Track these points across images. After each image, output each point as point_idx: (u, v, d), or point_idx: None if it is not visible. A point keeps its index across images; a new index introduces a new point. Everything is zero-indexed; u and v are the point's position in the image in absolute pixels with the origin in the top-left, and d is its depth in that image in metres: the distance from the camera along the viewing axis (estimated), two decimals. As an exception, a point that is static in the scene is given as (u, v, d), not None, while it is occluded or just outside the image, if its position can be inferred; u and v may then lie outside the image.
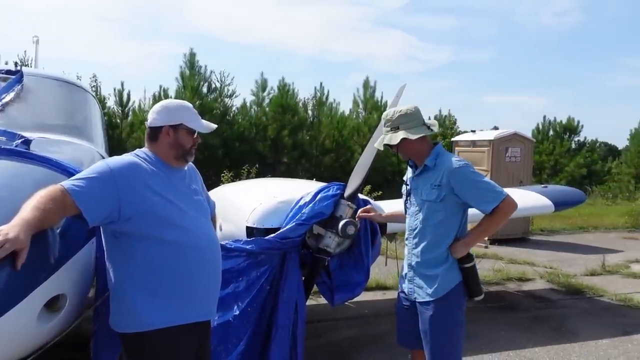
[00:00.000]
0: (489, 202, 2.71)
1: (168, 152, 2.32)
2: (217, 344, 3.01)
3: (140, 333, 2.16)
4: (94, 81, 16.36)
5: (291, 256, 3.20)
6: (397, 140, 2.76)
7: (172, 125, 2.31)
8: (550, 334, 5.09)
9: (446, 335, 2.78)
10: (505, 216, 2.75)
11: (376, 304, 5.99)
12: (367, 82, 18.49)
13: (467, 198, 2.75)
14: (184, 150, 2.34)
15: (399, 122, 2.79)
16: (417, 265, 2.85)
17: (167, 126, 2.30)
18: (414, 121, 2.79)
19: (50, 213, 1.95)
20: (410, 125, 2.78)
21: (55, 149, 2.87)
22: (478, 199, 2.73)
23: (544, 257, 8.80)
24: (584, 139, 23.96)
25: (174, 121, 2.31)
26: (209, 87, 16.57)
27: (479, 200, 2.73)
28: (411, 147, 2.82)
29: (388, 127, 2.83)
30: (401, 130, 2.77)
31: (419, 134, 2.76)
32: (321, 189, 3.34)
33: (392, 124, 2.81)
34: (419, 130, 2.78)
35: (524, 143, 10.74)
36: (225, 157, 15.41)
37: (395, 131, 2.79)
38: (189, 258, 2.22)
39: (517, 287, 6.96)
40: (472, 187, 2.73)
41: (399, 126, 2.78)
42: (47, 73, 4.03)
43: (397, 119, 2.80)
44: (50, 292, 2.05)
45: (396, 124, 2.79)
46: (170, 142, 2.31)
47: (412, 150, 2.84)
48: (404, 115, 2.80)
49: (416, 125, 2.79)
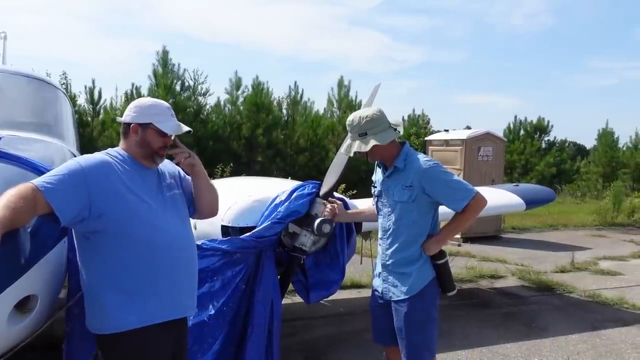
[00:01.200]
0: (460, 200, 2.76)
1: (135, 150, 2.29)
2: (193, 344, 2.98)
3: (115, 334, 2.13)
4: (64, 78, 16.10)
5: (267, 255, 3.19)
6: (369, 147, 2.75)
7: (141, 124, 2.27)
8: (521, 329, 5.18)
9: (421, 331, 2.81)
10: (476, 213, 2.82)
11: (351, 302, 6.02)
12: (342, 82, 18.53)
13: (439, 197, 2.80)
14: (151, 150, 2.29)
15: (366, 127, 2.77)
16: (392, 264, 2.88)
17: (136, 124, 2.27)
18: (380, 125, 2.78)
19: (21, 212, 1.91)
20: (377, 130, 2.76)
21: (26, 147, 2.80)
22: (449, 198, 2.78)
23: (515, 254, 8.96)
24: (554, 138, 24.47)
25: (143, 119, 2.27)
26: (182, 85, 16.40)
27: (450, 199, 2.78)
28: (381, 151, 2.83)
29: (355, 133, 2.80)
30: (370, 136, 2.75)
31: (388, 138, 2.78)
32: (297, 187, 3.34)
33: (360, 130, 2.78)
34: (388, 134, 2.78)
35: (496, 142, 10.91)
36: (199, 156, 15.19)
37: (363, 137, 2.77)
38: (162, 256, 2.19)
39: (490, 284, 7.07)
40: (443, 187, 2.77)
41: (367, 132, 2.76)
42: (15, 69, 3.94)
43: (364, 124, 2.77)
44: (20, 292, 2.01)
45: (364, 129, 2.77)
46: (138, 140, 2.28)
47: (382, 153, 2.85)
48: (370, 120, 2.77)
49: (383, 129, 2.78)
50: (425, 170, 2.76)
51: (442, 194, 2.78)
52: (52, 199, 1.96)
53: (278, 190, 3.38)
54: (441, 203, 2.83)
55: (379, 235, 2.99)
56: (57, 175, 2.04)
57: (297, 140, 17.40)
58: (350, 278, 6.54)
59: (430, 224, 2.86)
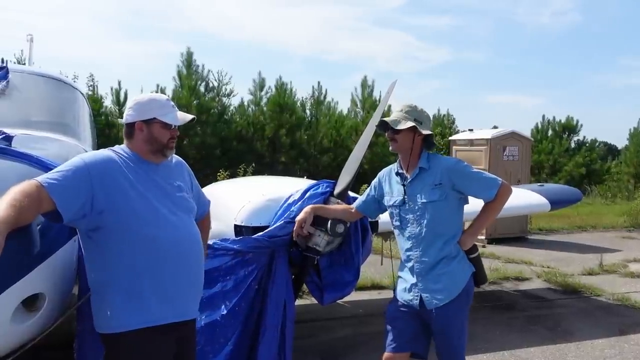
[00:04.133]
0: (490, 189, 2.80)
1: (144, 148, 2.27)
2: (205, 344, 2.96)
3: (115, 334, 2.11)
4: (91, 80, 16.35)
5: (280, 255, 3.15)
6: (426, 132, 2.80)
7: (145, 120, 2.25)
8: (546, 333, 5.04)
9: (463, 333, 2.84)
10: (504, 200, 2.85)
11: (371, 304, 5.94)
12: (365, 82, 18.46)
13: (470, 190, 2.83)
14: (160, 145, 2.28)
15: (423, 119, 2.84)
16: (430, 269, 2.77)
17: (140, 121, 2.25)
18: (427, 122, 2.87)
19: (25, 209, 1.90)
20: (427, 127, 2.85)
21: (39, 146, 2.82)
22: (480, 188, 2.82)
23: (541, 256, 8.76)
24: (583, 138, 23.91)
25: (146, 116, 2.25)
26: (207, 87, 16.53)
27: (481, 189, 2.82)
28: (416, 145, 2.81)
29: (411, 116, 2.81)
30: (423, 126, 2.81)
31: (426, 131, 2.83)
32: (310, 186, 3.30)
33: (417, 116, 2.82)
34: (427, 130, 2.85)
35: (521, 142, 10.70)
36: (223, 157, 15.38)
37: (418, 123, 2.80)
38: (167, 256, 2.16)
39: (514, 286, 6.92)
40: (472, 179, 2.82)
41: (422, 122, 2.82)
42: (33, 70, 3.99)
43: (424, 116, 2.86)
44: (26, 291, 1.99)
45: (421, 119, 2.82)
46: (145, 138, 2.26)
47: (417, 149, 2.83)
48: (428, 117, 2.88)
49: (425, 127, 2.85)
50: (453, 166, 2.82)
51: (472, 186, 2.82)
52: (55, 195, 1.96)
53: (291, 190, 3.34)
54: (472, 195, 2.86)
55: (404, 247, 2.87)
56: (60, 172, 2.04)
57: (320, 140, 17.38)
58: (370, 279, 6.48)
59: (462, 220, 2.89)
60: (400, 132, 2.79)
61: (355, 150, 3.42)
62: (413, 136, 2.79)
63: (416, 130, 2.78)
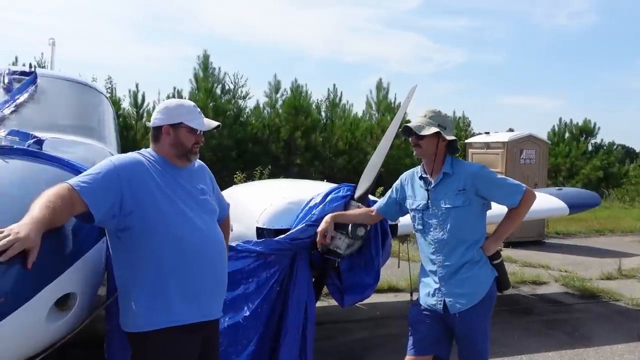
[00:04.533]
0: (514, 195, 2.81)
1: (170, 152, 2.34)
2: (228, 345, 3.01)
3: (142, 333, 2.17)
4: (109, 83, 16.48)
5: (301, 257, 3.19)
6: (450, 138, 2.82)
7: (172, 125, 2.32)
8: (564, 338, 5.02)
9: (486, 337, 2.86)
10: (529, 206, 2.85)
11: (388, 306, 5.96)
12: (380, 84, 18.39)
13: (494, 196, 2.84)
14: (185, 149, 2.35)
15: (447, 124, 2.86)
16: (453, 274, 2.79)
17: (167, 125, 2.32)
18: (450, 127, 2.88)
19: (59, 211, 1.97)
20: (451, 133, 2.86)
21: (68, 149, 2.90)
22: (504, 194, 2.83)
23: (558, 260, 8.70)
24: (601, 141, 23.60)
25: (173, 120, 2.33)
26: (223, 89, 16.59)
27: (505, 195, 2.83)
28: (440, 150, 2.83)
29: (435, 121, 2.83)
30: (447, 132, 2.83)
31: (450, 136, 2.85)
32: (331, 190, 3.33)
33: (441, 122, 2.84)
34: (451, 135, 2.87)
35: (538, 145, 10.63)
36: (239, 159, 15.44)
37: (442, 129, 2.82)
38: (193, 257, 2.22)
39: (531, 290, 6.89)
40: (496, 185, 2.83)
41: (446, 128, 2.84)
42: (60, 74, 4.07)
43: (447, 121, 2.87)
44: (60, 290, 2.05)
45: (445, 124, 2.84)
46: (171, 142, 2.33)
47: (441, 154, 2.84)
48: (451, 122, 2.91)
49: (449, 133, 2.86)
50: (477, 172, 2.82)
51: (496, 192, 2.83)
52: (86, 197, 2.03)
53: (313, 193, 3.38)
54: (496, 201, 2.87)
55: (427, 251, 2.88)
56: (91, 174, 2.12)
57: (335, 142, 17.36)
58: (387, 282, 6.50)
59: (485, 225, 2.90)
60: (424, 138, 2.81)
61: (375, 155, 3.45)
62: (437, 141, 2.81)
63: (440, 135, 2.80)
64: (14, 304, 1.79)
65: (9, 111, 3.22)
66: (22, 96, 3.39)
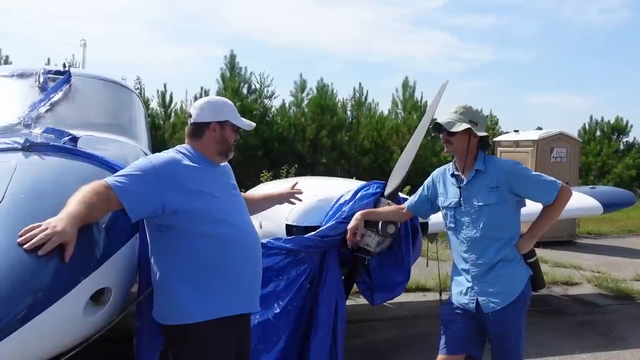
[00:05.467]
0: (550, 192, 2.73)
1: (212, 148, 2.36)
2: (258, 342, 3.01)
3: (184, 325, 2.19)
4: (138, 83, 16.71)
5: (331, 255, 3.18)
6: (481, 134, 2.76)
7: (219, 122, 2.35)
8: (598, 340, 4.91)
9: (521, 336, 2.80)
10: (564, 203, 2.78)
11: (416, 306, 5.92)
12: (407, 82, 18.31)
13: (528, 193, 2.77)
14: (227, 147, 2.38)
15: (478, 119, 2.80)
16: (486, 272, 2.74)
17: (215, 122, 2.34)
18: (485, 126, 2.84)
19: (95, 207, 2.00)
20: (482, 129, 2.81)
21: (101, 147, 2.93)
22: (539, 191, 2.75)
23: (591, 260, 8.53)
24: (633, 139, 23.06)
25: (221, 117, 2.35)
26: (249, 89, 16.71)
27: (540, 193, 2.75)
28: (471, 147, 2.78)
29: (466, 117, 2.78)
30: (478, 127, 2.77)
31: (482, 133, 2.79)
32: (361, 187, 3.32)
33: (471, 117, 2.79)
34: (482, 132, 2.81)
35: (570, 143, 10.43)
36: (265, 158, 15.51)
37: (473, 124, 2.77)
38: (233, 251, 2.24)
39: (564, 291, 6.76)
40: (531, 182, 2.76)
41: (477, 123, 2.79)
42: (93, 73, 4.13)
43: (477, 116, 2.82)
44: (95, 284, 2.07)
45: (476, 120, 2.79)
46: (216, 138, 2.35)
47: (472, 151, 2.80)
48: (483, 117, 2.88)
49: (485, 130, 2.83)
50: (511, 168, 2.77)
51: (531, 190, 2.76)
52: (123, 198, 2.05)
53: (342, 190, 3.37)
54: (530, 198, 2.80)
55: (459, 249, 2.84)
56: (129, 174, 2.13)
57: (361, 141, 17.33)
58: (415, 281, 6.43)
59: (519, 223, 2.83)
60: (455, 135, 2.77)
61: (405, 152, 3.42)
62: (468, 138, 2.77)
63: (471, 131, 2.75)
64: (53, 296, 1.82)
65: (45, 109, 3.27)
66: (56, 95, 3.45)
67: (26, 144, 2.51)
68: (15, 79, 3.63)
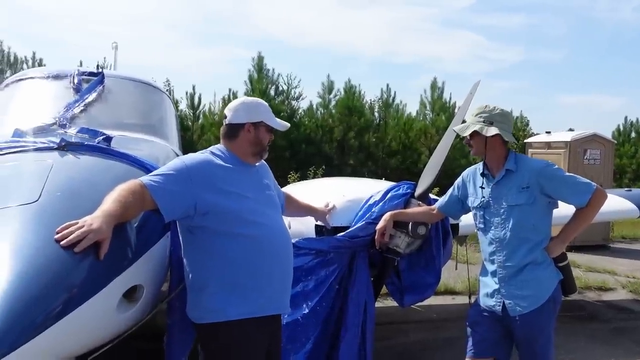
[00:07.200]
0: (583, 194, 2.65)
1: (246, 149, 2.37)
2: (286, 342, 3.00)
3: (216, 324, 2.20)
4: (167, 85, 16.92)
5: (360, 256, 3.16)
6: (492, 133, 2.68)
7: (254, 123, 2.36)
8: (634, 347, 4.77)
9: (550, 340, 2.72)
10: (599, 206, 2.69)
11: (445, 309, 5.86)
12: (435, 83, 18.13)
13: (560, 194, 2.69)
14: (261, 147, 2.40)
15: (495, 118, 2.73)
16: (514, 275, 2.68)
17: (249, 123, 2.36)
18: (507, 123, 2.76)
19: (130, 206, 2.03)
20: (504, 126, 2.72)
21: (134, 146, 2.98)
22: (572, 193, 2.67)
23: (625, 265, 8.29)
24: (670, 141, 22.43)
25: (255, 118, 2.37)
26: (277, 90, 16.78)
27: (572, 194, 2.67)
28: (495, 147, 2.73)
29: (481, 118, 2.73)
30: (495, 125, 2.70)
31: (509, 138, 2.73)
32: (391, 187, 3.29)
33: (488, 117, 2.72)
34: (510, 134, 2.74)
35: (604, 145, 10.19)
36: (292, 159, 15.55)
37: (488, 124, 2.70)
38: (265, 252, 2.25)
39: (597, 296, 6.59)
40: (563, 183, 2.68)
41: (494, 122, 2.71)
42: (125, 75, 4.20)
43: (495, 114, 2.74)
44: (129, 282, 2.10)
45: (492, 118, 2.72)
46: (251, 139, 2.36)
47: (494, 150, 2.74)
48: (502, 114, 2.75)
49: (508, 128, 2.75)
50: (542, 169, 2.70)
51: (563, 191, 2.68)
52: (157, 198, 2.08)
53: (372, 191, 3.35)
54: (563, 200, 2.72)
55: (487, 250, 2.79)
56: (163, 175, 2.16)
57: (389, 143, 17.24)
58: (444, 284, 6.36)
59: (550, 225, 2.75)
60: (472, 138, 2.75)
61: (436, 152, 3.38)
62: (485, 139, 2.70)
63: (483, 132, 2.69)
64: (87, 293, 1.84)
65: (79, 110, 3.34)
66: (90, 96, 3.52)
67: (62, 143, 2.56)
68: (50, 80, 3.72)
